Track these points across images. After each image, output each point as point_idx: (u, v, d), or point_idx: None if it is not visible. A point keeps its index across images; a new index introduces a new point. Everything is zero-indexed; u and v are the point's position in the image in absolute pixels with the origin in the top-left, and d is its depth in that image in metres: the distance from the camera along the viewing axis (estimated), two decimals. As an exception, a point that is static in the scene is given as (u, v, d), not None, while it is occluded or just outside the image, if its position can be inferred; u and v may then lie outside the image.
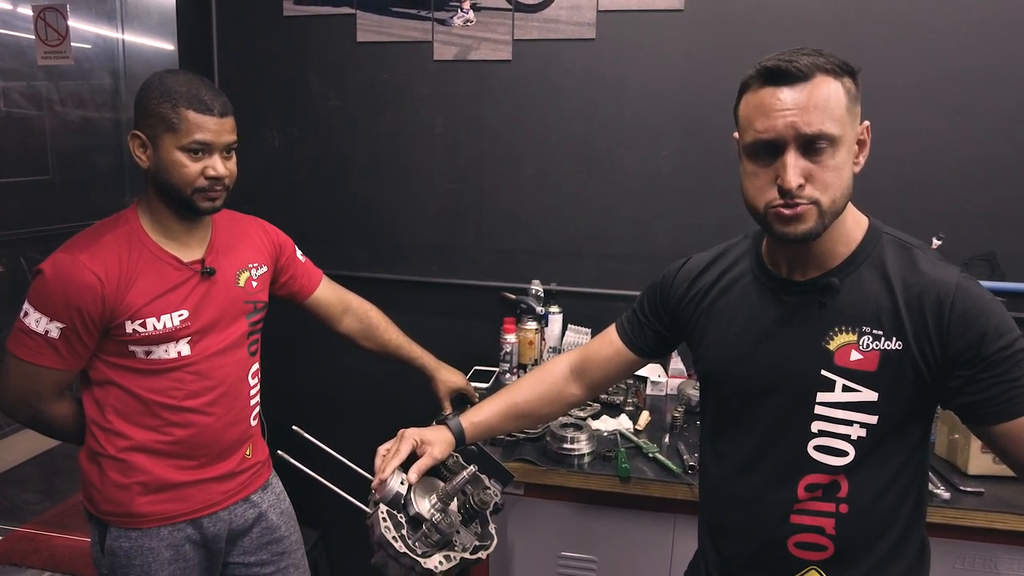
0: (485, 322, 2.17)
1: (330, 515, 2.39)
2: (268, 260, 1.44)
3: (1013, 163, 1.86)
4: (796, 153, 0.88)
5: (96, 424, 1.27)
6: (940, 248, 1.86)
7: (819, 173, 0.88)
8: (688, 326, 1.13)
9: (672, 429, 1.70)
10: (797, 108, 0.87)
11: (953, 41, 1.84)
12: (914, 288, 0.92)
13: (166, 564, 1.31)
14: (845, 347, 0.94)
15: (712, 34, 1.95)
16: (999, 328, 0.88)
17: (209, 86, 1.23)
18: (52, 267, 1.17)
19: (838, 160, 0.89)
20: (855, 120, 0.91)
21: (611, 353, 1.22)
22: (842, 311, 0.95)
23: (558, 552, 1.60)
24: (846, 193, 0.91)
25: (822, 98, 0.87)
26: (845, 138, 0.89)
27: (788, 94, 0.88)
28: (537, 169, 2.12)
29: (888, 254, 0.96)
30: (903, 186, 1.90)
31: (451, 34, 2.09)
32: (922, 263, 0.94)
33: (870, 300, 0.94)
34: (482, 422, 1.23)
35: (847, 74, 0.90)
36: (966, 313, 0.89)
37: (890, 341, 0.92)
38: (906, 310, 0.92)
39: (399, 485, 1.10)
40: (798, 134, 0.87)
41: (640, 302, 1.21)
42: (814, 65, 0.87)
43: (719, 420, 1.10)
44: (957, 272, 0.93)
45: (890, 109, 1.88)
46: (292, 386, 2.36)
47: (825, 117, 0.87)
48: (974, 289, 0.91)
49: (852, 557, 0.98)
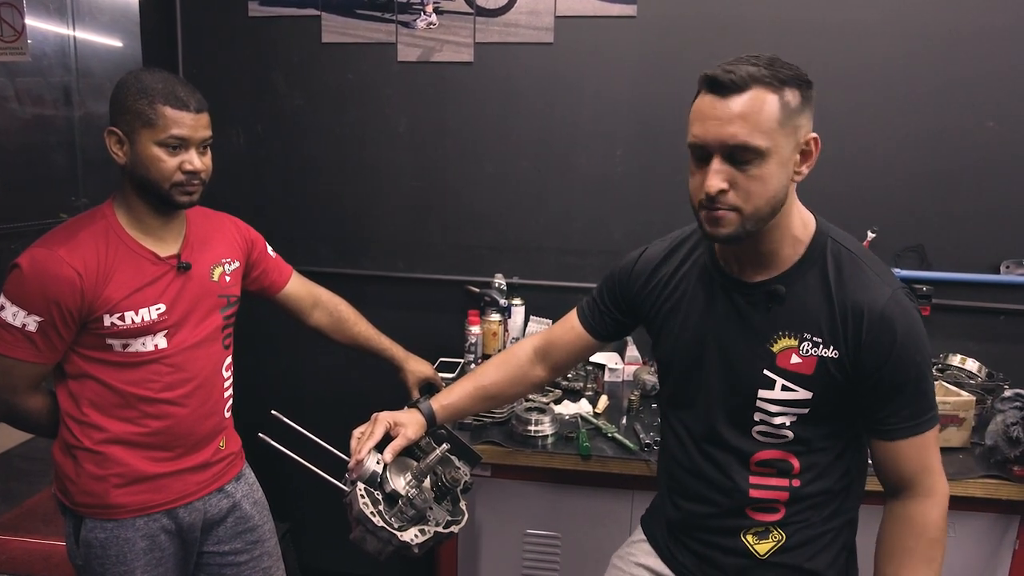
0: (450, 315, 2.23)
1: (299, 508, 2.42)
2: (240, 255, 1.47)
3: (940, 162, 2.00)
4: (721, 161, 0.92)
5: (71, 417, 1.29)
6: (873, 241, 2.01)
7: (743, 182, 0.92)
8: (647, 316, 1.20)
9: (629, 412, 1.79)
10: (726, 119, 0.90)
11: (883, 44, 1.97)
12: (850, 300, 0.98)
13: (141, 554, 1.33)
14: (787, 351, 1.02)
15: (663, 40, 2.05)
16: (902, 359, 0.96)
17: (184, 83, 1.26)
18: (30, 261, 1.18)
19: (764, 171, 0.92)
20: (794, 132, 0.93)
21: (573, 338, 1.29)
22: (786, 317, 1.02)
23: (524, 530, 1.68)
24: (772, 202, 0.94)
25: (752, 111, 0.90)
26: (776, 150, 0.91)
27: (720, 104, 0.91)
28: (498, 168, 2.20)
29: (832, 262, 1.00)
30: (840, 183, 2.03)
31: (414, 36, 2.15)
32: (863, 275, 0.99)
33: (812, 308, 1.00)
34: (451, 404, 1.28)
35: (792, 86, 0.92)
36: (879, 337, 0.97)
37: (827, 349, 1.00)
38: (841, 321, 0.98)
39: (375, 464, 1.15)
40: (723, 144, 0.91)
41: (600, 290, 1.27)
42: (751, 77, 0.90)
43: (675, 402, 1.18)
44: (890, 291, 0.97)
45: (827, 110, 2.01)
46: (262, 380, 2.38)
47: (752, 129, 0.90)
48: (897, 316, 0.96)
49: (799, 524, 1.07)
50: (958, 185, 2.01)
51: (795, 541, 1.07)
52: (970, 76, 1.95)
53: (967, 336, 2.06)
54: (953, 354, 1.96)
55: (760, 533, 1.08)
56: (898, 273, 2.03)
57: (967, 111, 1.97)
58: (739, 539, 1.09)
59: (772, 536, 1.07)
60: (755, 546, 1.08)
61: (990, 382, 1.82)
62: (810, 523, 1.07)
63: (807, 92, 0.94)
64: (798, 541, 1.07)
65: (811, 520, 1.07)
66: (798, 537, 1.07)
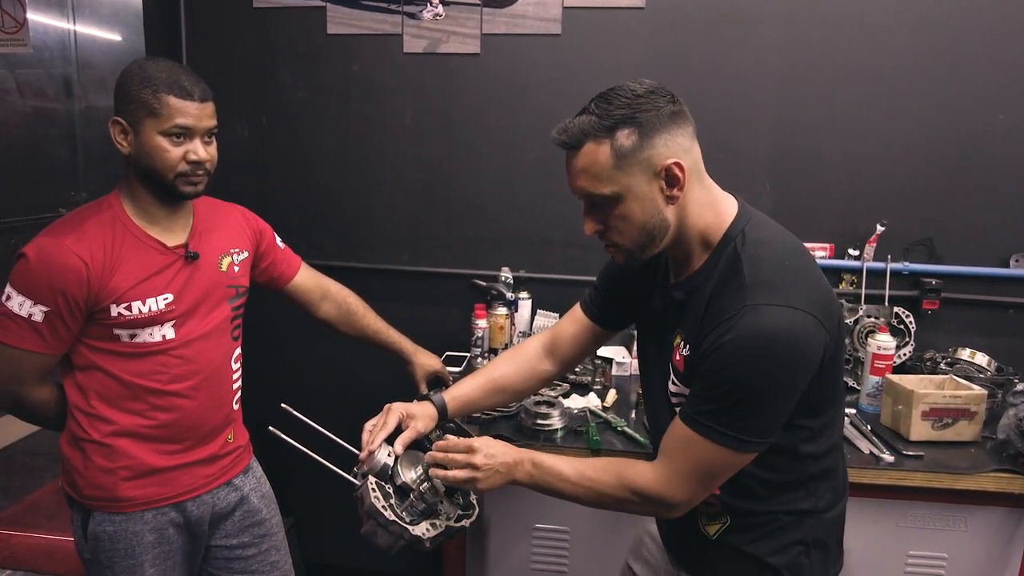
0: (456, 308, 2.22)
1: (302, 503, 2.41)
2: (249, 246, 1.46)
3: (950, 155, 1.99)
4: (589, 207, 1.02)
5: (79, 409, 1.28)
6: (882, 234, 2.00)
7: (612, 222, 1.00)
8: (634, 306, 1.23)
9: (637, 406, 1.78)
10: (573, 174, 1.00)
11: (893, 36, 1.96)
12: (714, 305, 0.98)
13: (150, 547, 1.32)
14: (676, 347, 1.05)
15: (672, 31, 2.04)
16: (722, 356, 0.92)
17: (189, 72, 1.25)
18: (36, 251, 1.17)
19: (624, 210, 0.98)
20: (639, 167, 0.96)
21: (578, 328, 1.31)
22: (681, 316, 1.06)
23: (533, 524, 1.67)
24: (648, 231, 1.00)
25: (588, 164, 0.97)
26: (626, 190, 0.97)
27: (569, 161, 1.00)
28: (505, 160, 2.18)
29: (723, 270, 0.99)
30: (849, 176, 2.03)
31: (420, 27, 2.13)
32: (743, 288, 0.94)
33: (695, 310, 1.02)
34: (463, 396, 1.30)
35: (625, 127, 0.95)
36: (716, 340, 0.93)
37: (688, 348, 1.01)
38: (704, 322, 0.99)
39: (386, 457, 1.15)
40: (581, 194, 1.01)
41: (600, 277, 1.29)
42: (582, 131, 0.97)
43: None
44: (759, 313, 0.91)
45: (837, 104, 2.01)
46: (270, 372, 2.36)
47: (593, 180, 0.97)
48: (740, 326, 0.91)
49: (738, 509, 1.08)
50: (967, 178, 2.00)
51: (737, 524, 1.09)
52: (980, 69, 1.94)
53: (976, 330, 2.05)
54: (962, 348, 1.95)
55: (710, 515, 1.11)
56: (907, 267, 2.02)
57: (977, 104, 1.96)
58: (696, 520, 1.13)
59: (719, 519, 1.10)
60: (706, 527, 1.12)
61: (1000, 376, 1.82)
62: (751, 510, 1.08)
63: (650, 123, 0.95)
64: (740, 525, 1.09)
65: (751, 507, 1.08)
66: (739, 521, 1.09)
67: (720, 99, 2.04)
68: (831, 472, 1.10)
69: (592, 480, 1.07)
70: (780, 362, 0.91)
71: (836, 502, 1.11)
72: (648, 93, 0.97)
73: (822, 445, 1.06)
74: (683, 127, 0.98)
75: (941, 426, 1.60)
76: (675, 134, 0.97)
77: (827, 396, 1.03)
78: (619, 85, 0.99)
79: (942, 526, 1.57)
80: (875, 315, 1.98)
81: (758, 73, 2.03)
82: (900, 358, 1.95)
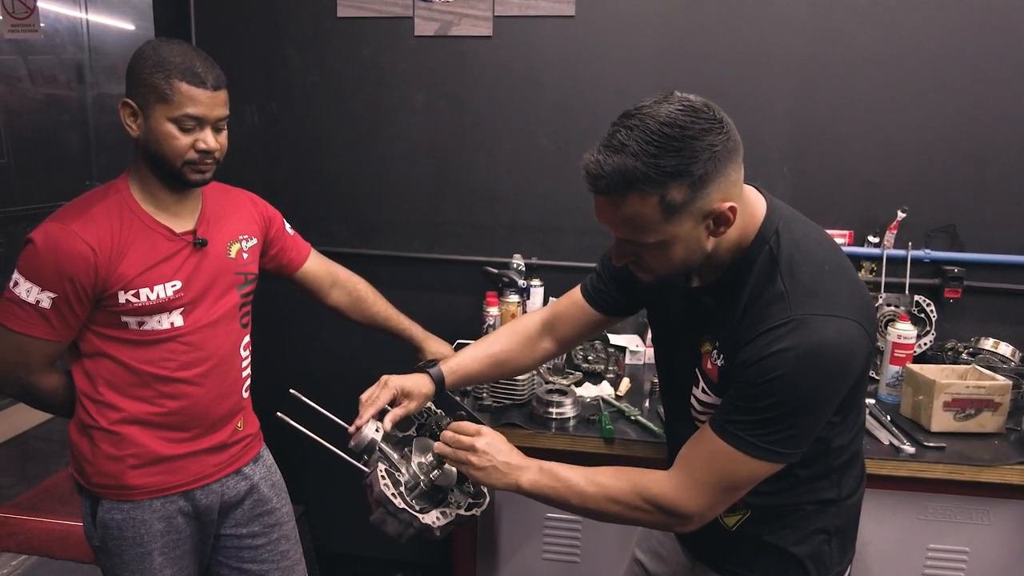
0: (467, 296, 2.20)
1: (313, 490, 2.41)
2: (258, 232, 1.44)
3: (972, 141, 1.94)
4: (621, 242, 0.95)
5: (87, 396, 1.27)
6: (904, 221, 1.95)
7: (645, 259, 0.94)
8: (641, 299, 1.21)
9: (651, 395, 1.76)
10: (612, 223, 0.91)
11: (916, 23, 1.90)
12: (751, 314, 0.93)
13: (159, 536, 1.31)
14: (706, 355, 1.02)
15: (689, 12, 1.99)
16: (759, 378, 0.88)
17: (204, 58, 1.22)
18: (44, 236, 1.16)
19: (666, 253, 0.91)
20: (687, 218, 0.88)
21: (577, 311, 1.29)
22: (711, 322, 1.01)
23: (544, 514, 1.65)
24: (686, 264, 0.94)
25: (629, 216, 0.88)
26: (671, 238, 0.89)
27: (604, 204, 0.90)
28: (517, 145, 2.15)
29: (758, 275, 0.94)
30: (872, 163, 1.98)
31: (432, 10, 2.10)
32: (785, 297, 0.91)
33: (729, 318, 0.97)
34: (461, 369, 1.29)
35: (676, 180, 0.84)
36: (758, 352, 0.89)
37: (722, 358, 0.98)
38: (738, 332, 0.94)
39: (373, 432, 1.14)
40: (616, 235, 0.95)
41: (602, 265, 1.26)
42: (624, 182, 0.85)
43: (660, 384, 1.23)
44: (808, 326, 0.87)
45: (859, 91, 1.96)
46: (279, 360, 2.35)
47: (634, 231, 0.90)
48: (790, 346, 0.87)
49: (760, 500, 1.05)
50: (991, 164, 1.94)
51: (758, 515, 1.07)
52: (1004, 54, 1.88)
53: (999, 319, 2.00)
54: (985, 338, 1.91)
55: (730, 507, 1.07)
56: (928, 254, 1.98)
57: (1001, 89, 1.90)
58: None
59: (739, 511, 1.08)
60: (725, 518, 1.09)
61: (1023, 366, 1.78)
62: (773, 502, 1.06)
63: (704, 173, 0.85)
64: (761, 515, 1.07)
65: (774, 499, 1.05)
66: (760, 512, 1.07)
67: (738, 83, 2.00)
68: (855, 458, 1.09)
69: (603, 485, 1.03)
70: (827, 375, 0.89)
71: (857, 488, 1.10)
72: (701, 133, 0.85)
73: (849, 436, 1.04)
74: (734, 160, 0.89)
75: (963, 417, 1.56)
76: (727, 172, 0.88)
77: (860, 392, 1.01)
78: (663, 115, 0.86)
79: (964, 519, 1.54)
80: (895, 303, 1.94)
81: (777, 56, 1.98)
82: (920, 347, 1.91)
